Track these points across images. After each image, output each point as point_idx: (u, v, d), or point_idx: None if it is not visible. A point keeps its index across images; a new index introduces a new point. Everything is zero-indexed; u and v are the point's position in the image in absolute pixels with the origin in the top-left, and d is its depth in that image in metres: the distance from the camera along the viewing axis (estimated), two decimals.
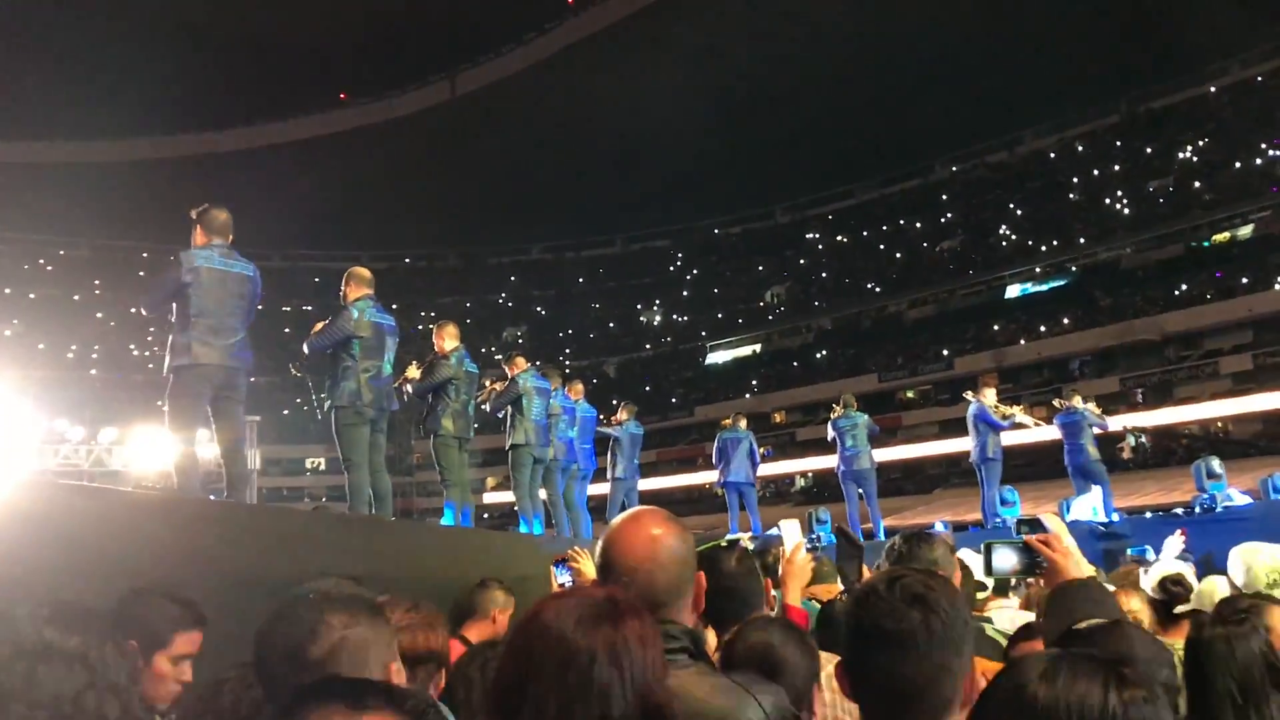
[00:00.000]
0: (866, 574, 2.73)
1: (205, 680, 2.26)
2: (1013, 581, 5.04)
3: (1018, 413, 13.65)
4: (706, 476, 52.49)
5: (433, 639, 2.77)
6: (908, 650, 1.73)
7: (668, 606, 1.96)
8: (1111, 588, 3.11)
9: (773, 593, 3.71)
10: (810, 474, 49.74)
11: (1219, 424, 42.36)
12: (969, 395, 13.67)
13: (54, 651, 1.56)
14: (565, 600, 1.55)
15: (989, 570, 2.79)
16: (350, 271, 7.58)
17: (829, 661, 2.60)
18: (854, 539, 2.81)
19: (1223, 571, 4.43)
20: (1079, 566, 2.56)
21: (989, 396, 13.36)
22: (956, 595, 1.84)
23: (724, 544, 3.18)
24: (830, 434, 13.97)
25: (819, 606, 4.03)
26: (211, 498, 5.74)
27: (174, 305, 6.00)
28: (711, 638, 2.89)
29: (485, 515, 46.03)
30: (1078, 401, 13.51)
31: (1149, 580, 4.52)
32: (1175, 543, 6.88)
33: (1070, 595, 2.45)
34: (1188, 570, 4.58)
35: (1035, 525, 2.80)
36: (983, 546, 2.73)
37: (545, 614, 1.50)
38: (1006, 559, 2.66)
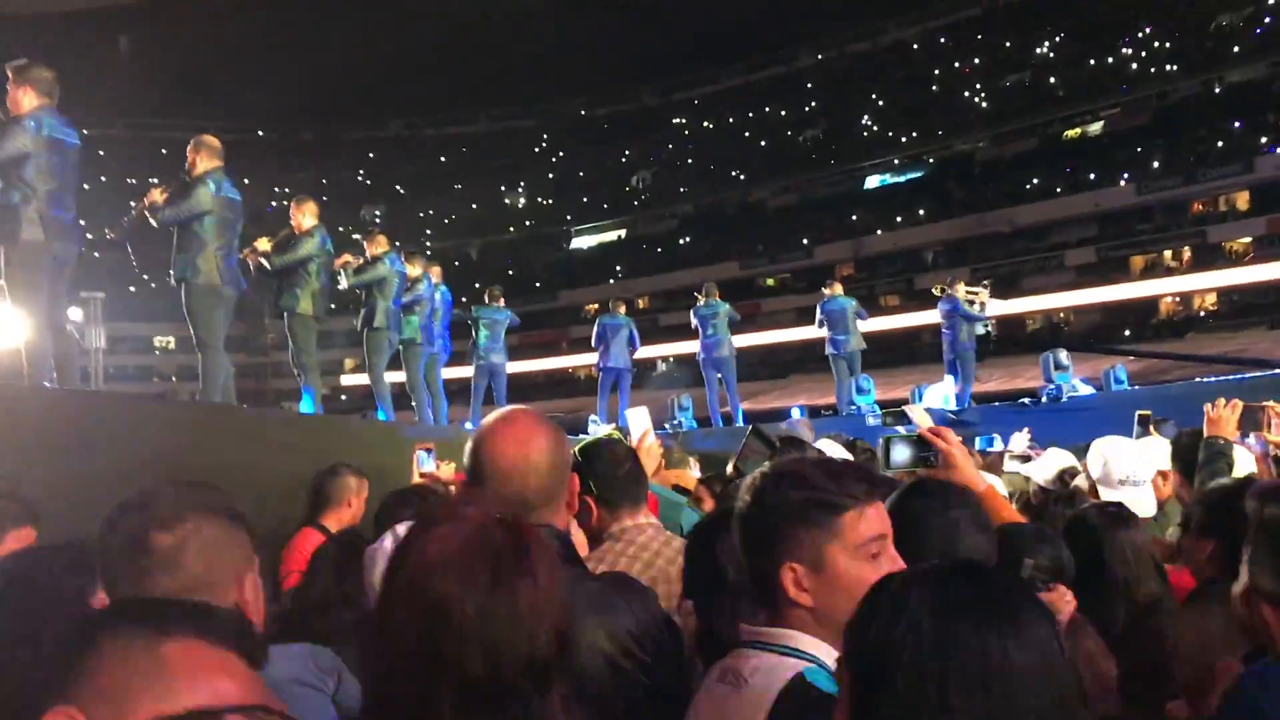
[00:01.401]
0: None
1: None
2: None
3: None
4: (569, 361, 52.93)
5: None
6: None
7: (541, 509, 1.93)
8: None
9: None
10: (671, 359, 50.38)
11: (1061, 314, 44.35)
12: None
13: None
14: (455, 547, 1.37)
15: (887, 464, 2.82)
16: (199, 140, 7.11)
17: None
18: (769, 439, 2.81)
19: None
20: (968, 459, 2.64)
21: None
22: None
23: (609, 437, 3.14)
24: (693, 322, 14.11)
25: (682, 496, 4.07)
26: (47, 385, 5.44)
27: (8, 173, 5.58)
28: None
29: (343, 397, 45.40)
30: (960, 290, 13.88)
31: (1044, 470, 4.73)
32: (1023, 436, 7.15)
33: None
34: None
35: (902, 417, 2.85)
36: (880, 441, 2.76)
37: (439, 571, 1.34)
38: (902, 453, 2.70)
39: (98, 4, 61.93)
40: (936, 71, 54.71)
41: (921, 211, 48.33)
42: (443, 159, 67.77)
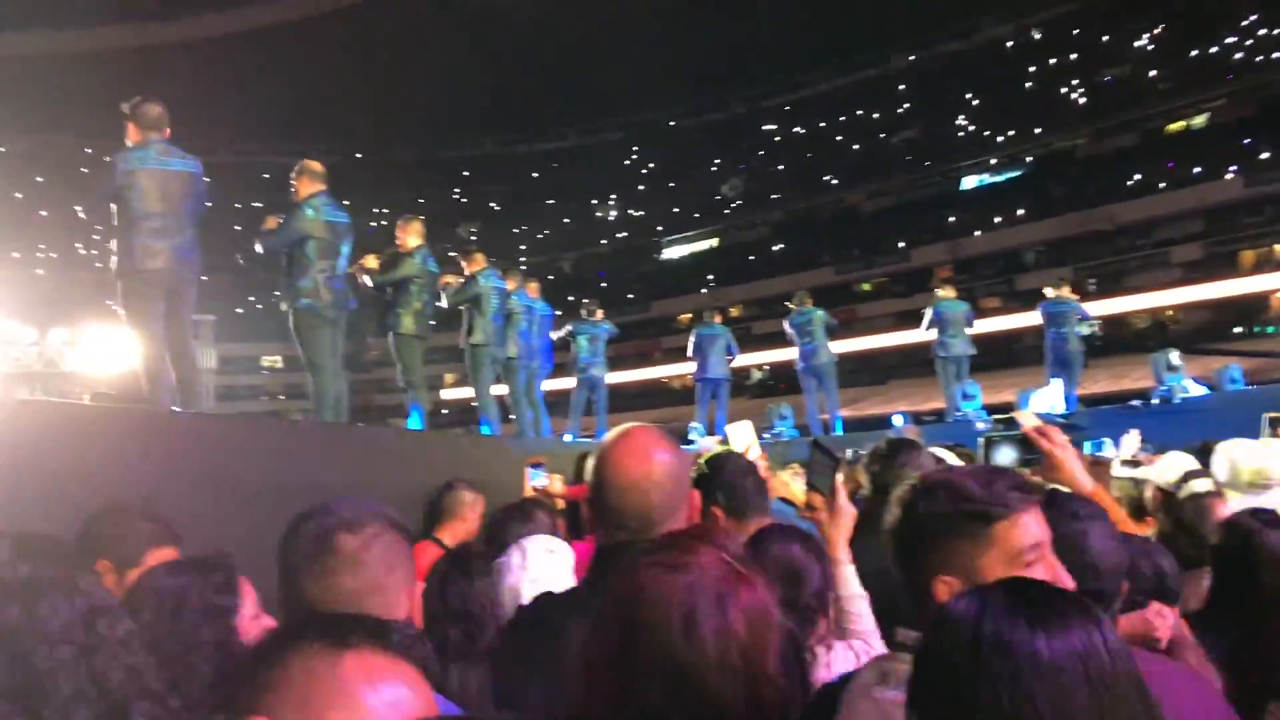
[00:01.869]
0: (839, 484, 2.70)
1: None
2: None
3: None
4: (663, 371, 53.01)
5: None
6: None
7: (662, 524, 1.92)
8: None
9: None
10: (767, 367, 50.13)
11: (1169, 312, 43.09)
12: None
13: (42, 585, 1.50)
14: (663, 581, 1.42)
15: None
16: (301, 165, 7.26)
17: None
18: (830, 451, 2.80)
19: None
20: (1074, 458, 2.57)
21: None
22: None
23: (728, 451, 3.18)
24: (788, 330, 14.02)
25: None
26: (175, 409, 5.62)
27: (116, 208, 5.79)
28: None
29: (444, 411, 46.05)
30: (1066, 291, 13.63)
31: (1166, 473, 4.60)
32: (1133, 439, 6.97)
33: None
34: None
35: (1012, 424, 2.80)
36: (981, 442, 2.73)
37: (641, 600, 1.41)
38: (1005, 454, 2.67)
39: (201, 35, 63.87)
40: (1032, 68, 53.61)
41: (1020, 211, 47.43)
42: (535, 175, 68.47)
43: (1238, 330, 39.91)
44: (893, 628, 2.25)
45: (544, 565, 2.78)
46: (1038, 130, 50.02)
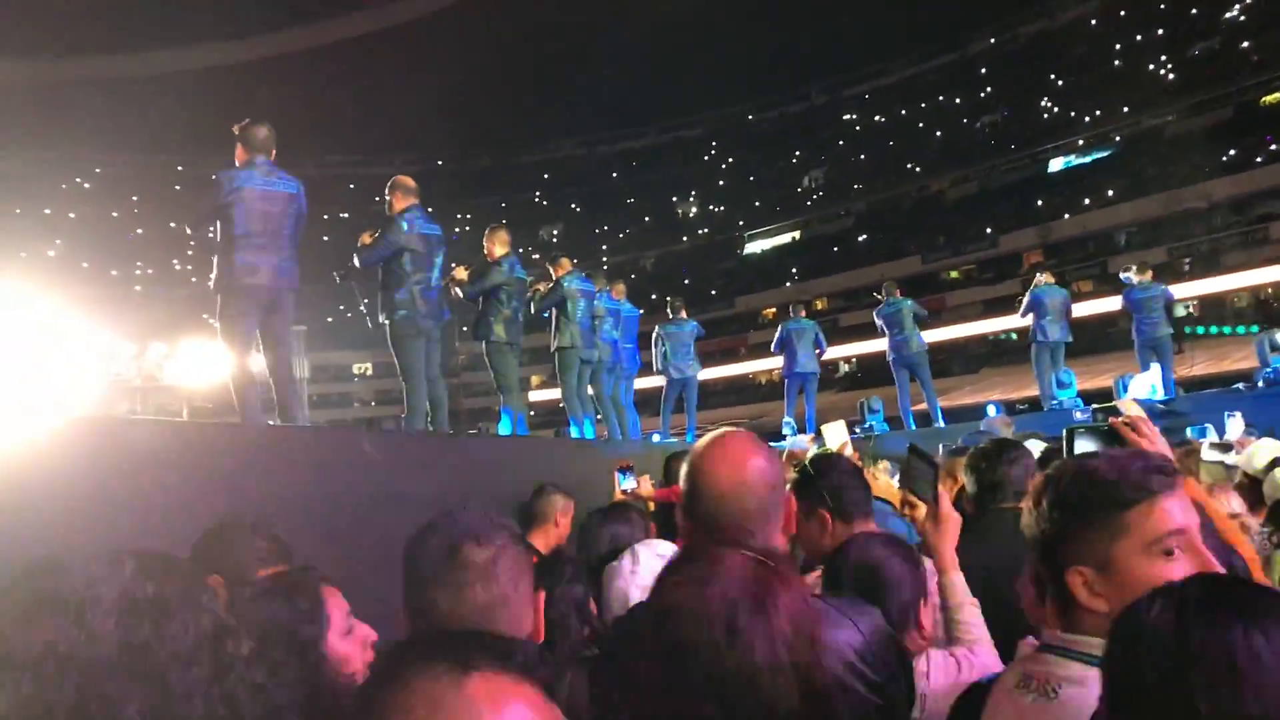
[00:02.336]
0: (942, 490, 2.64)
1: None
2: None
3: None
4: (748, 367, 52.79)
5: None
6: None
7: (758, 531, 1.90)
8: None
9: None
10: (854, 359, 49.67)
11: (1269, 290, 41.69)
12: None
13: (170, 603, 1.50)
14: (696, 593, 1.40)
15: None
16: (395, 181, 7.47)
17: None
18: (928, 456, 2.73)
19: None
20: (1165, 452, 2.39)
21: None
22: None
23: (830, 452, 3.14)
24: (878, 322, 13.89)
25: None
26: (271, 423, 5.76)
27: (218, 224, 5.96)
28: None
29: (531, 413, 46.31)
30: (1149, 276, 13.29)
31: (1253, 461, 4.43)
32: (1237, 423, 6.76)
33: None
34: None
35: (1114, 413, 2.69)
36: (1064, 433, 2.62)
37: (679, 616, 1.39)
38: (1088, 446, 2.55)
39: (285, 51, 65.20)
40: (1118, 46, 52.30)
41: (1111, 192, 46.28)
42: (614, 174, 68.73)
43: None
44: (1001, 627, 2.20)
45: (653, 571, 2.78)
46: (1125, 109, 48.77)
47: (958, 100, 58.21)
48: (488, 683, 1.08)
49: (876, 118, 61.87)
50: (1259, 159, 41.87)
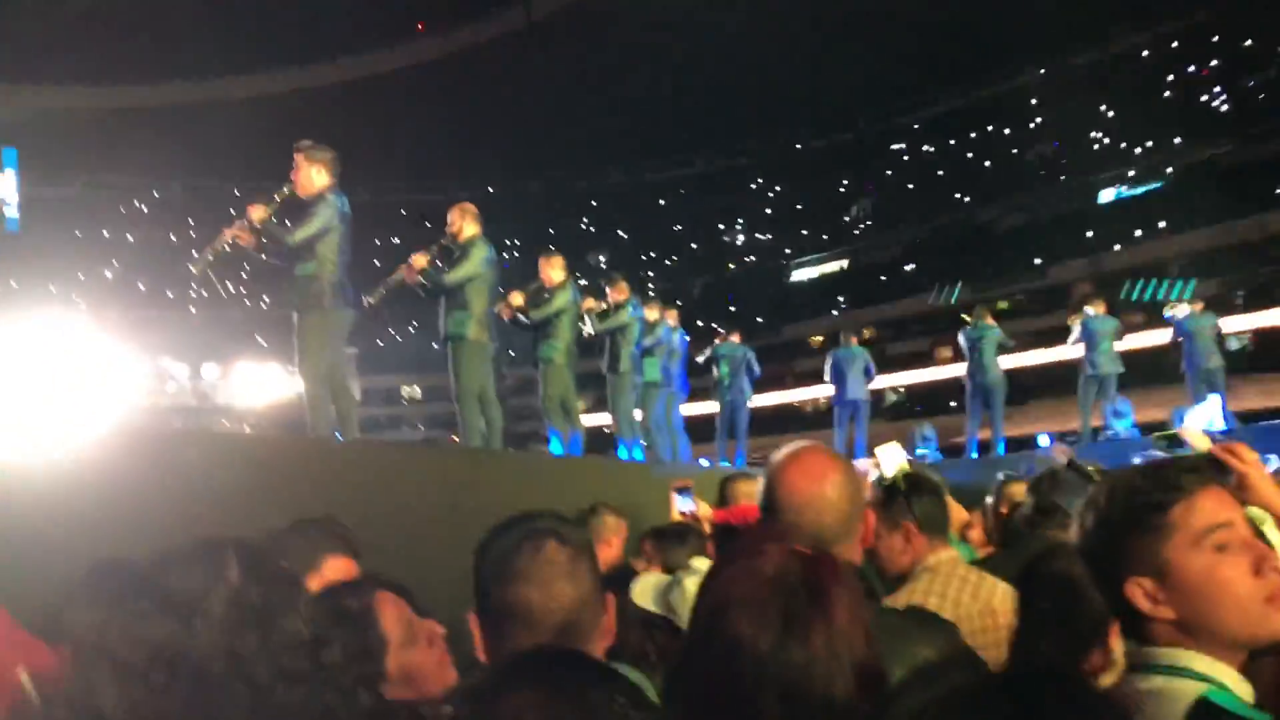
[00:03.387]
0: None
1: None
2: None
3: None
4: (795, 395, 52.49)
5: None
6: None
7: (836, 545, 1.91)
8: None
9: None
10: (902, 389, 49.32)
11: None
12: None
13: (273, 610, 1.47)
14: (750, 585, 1.38)
15: None
16: (464, 207, 7.71)
17: None
18: (1086, 470, 2.72)
19: None
20: (1267, 478, 2.29)
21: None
22: None
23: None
24: (962, 344, 13.85)
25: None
26: (337, 436, 5.88)
27: (313, 246, 6.08)
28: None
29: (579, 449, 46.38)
30: (1199, 307, 13.17)
31: None
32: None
33: None
34: None
35: (1175, 441, 2.66)
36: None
37: (733, 610, 1.35)
38: None
39: (339, 79, 66.18)
40: (1171, 77, 51.79)
41: (1163, 224, 45.73)
42: (661, 202, 68.89)
43: None
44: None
45: None
46: (1177, 140, 48.25)
47: (1007, 131, 57.84)
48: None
49: (925, 148, 61.61)
50: None
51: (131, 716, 1.31)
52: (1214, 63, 50.44)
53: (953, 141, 60.18)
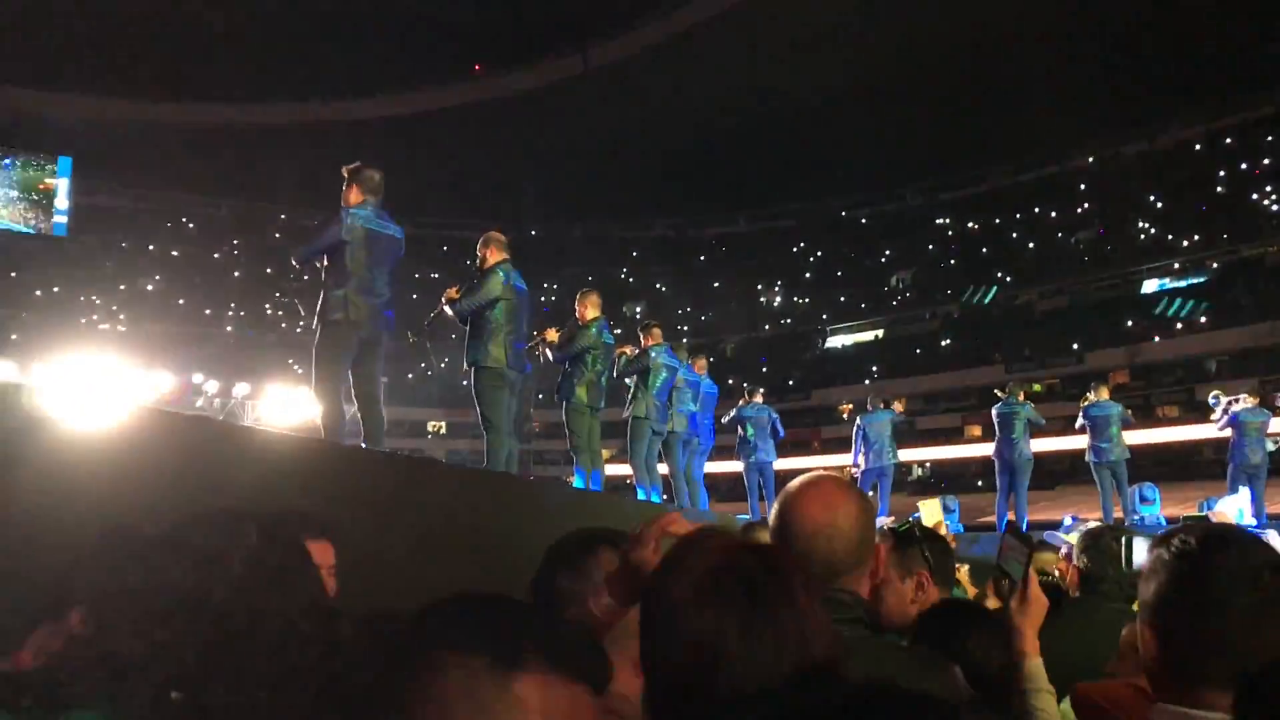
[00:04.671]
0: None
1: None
2: None
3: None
4: (819, 461, 52.15)
5: None
6: None
7: (846, 575, 1.88)
8: None
9: None
10: (928, 464, 48.96)
11: None
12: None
13: (288, 574, 1.50)
14: (701, 572, 1.30)
15: (1129, 565, 2.64)
16: (489, 236, 7.70)
17: None
18: (1025, 536, 2.68)
19: None
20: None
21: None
22: None
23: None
24: (993, 419, 13.77)
25: None
26: (362, 444, 5.90)
27: (327, 260, 6.15)
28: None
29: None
30: (1254, 400, 13.03)
31: None
32: None
33: None
34: None
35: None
36: (1123, 539, 2.54)
37: (686, 598, 1.28)
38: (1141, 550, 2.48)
39: (389, 114, 67.15)
40: (1222, 172, 51.66)
41: (1204, 319, 45.40)
42: (702, 258, 69.16)
43: None
44: None
45: None
46: (1225, 235, 48.02)
47: (1053, 213, 57.79)
48: (536, 686, 0.98)
49: (970, 224, 61.61)
50: None
51: (152, 659, 1.34)
52: (1265, 161, 50.27)
53: (998, 220, 60.17)
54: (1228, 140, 53.46)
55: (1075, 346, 48.28)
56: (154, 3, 60.85)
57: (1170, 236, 50.27)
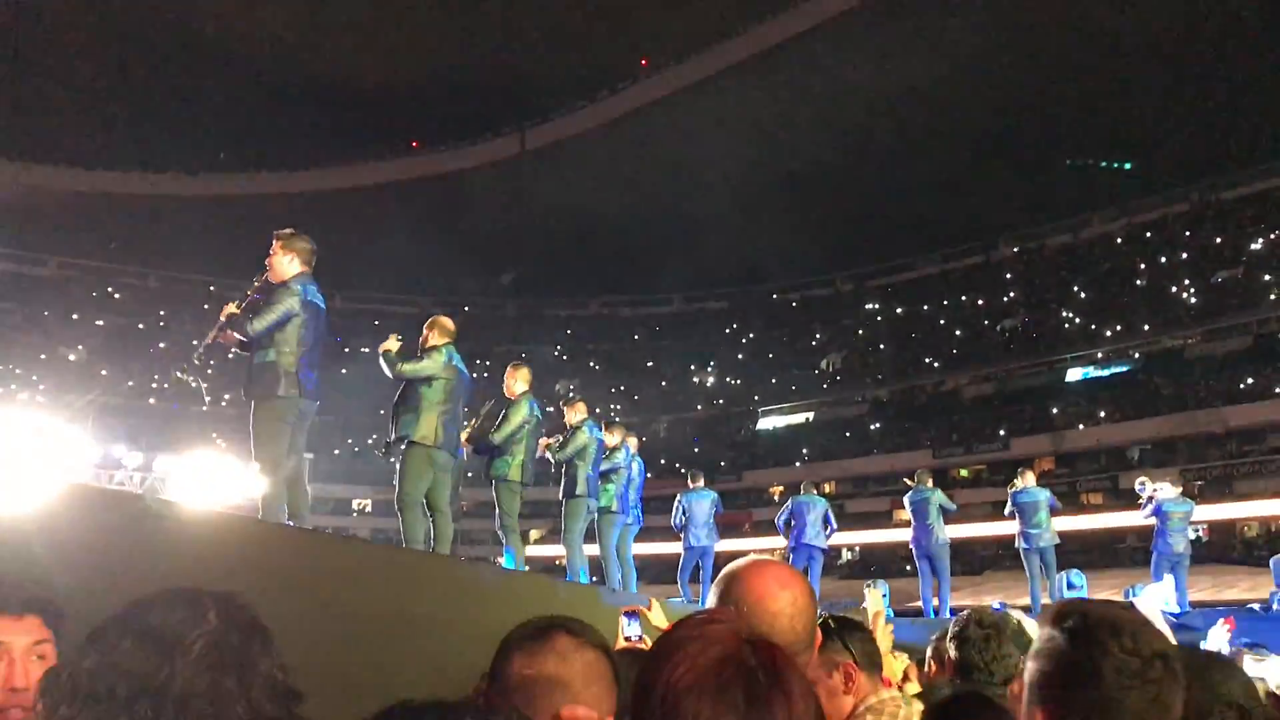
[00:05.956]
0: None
1: None
2: None
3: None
4: (750, 544, 52.03)
5: None
6: None
7: (796, 659, 1.82)
8: None
9: None
10: (857, 548, 49.08)
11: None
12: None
13: (251, 655, 1.46)
14: (702, 661, 1.28)
15: None
16: (435, 319, 7.73)
17: None
18: (847, 619, 2.72)
19: None
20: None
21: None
22: None
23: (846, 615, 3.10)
24: (906, 508, 13.87)
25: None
26: (291, 523, 5.74)
27: (272, 333, 6.00)
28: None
29: (526, 568, 45.67)
30: (1179, 490, 13.26)
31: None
32: (1220, 632, 6.59)
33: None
34: None
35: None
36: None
37: (694, 693, 1.25)
38: None
39: (327, 186, 67.01)
40: (1142, 265, 53.24)
41: (1127, 408, 46.41)
42: (636, 336, 69.42)
43: None
44: None
45: None
46: (1146, 326, 49.33)
47: (980, 301, 59.03)
48: None
49: (898, 310, 62.68)
50: (1277, 390, 42.00)
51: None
52: (1184, 255, 51.91)
53: (926, 307, 61.29)
54: (1148, 234, 55.18)
55: (1001, 433, 49.00)
56: (86, 67, 60.49)
57: (1093, 326, 51.49)
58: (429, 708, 1.06)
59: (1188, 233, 53.36)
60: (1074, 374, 51.17)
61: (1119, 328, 50.28)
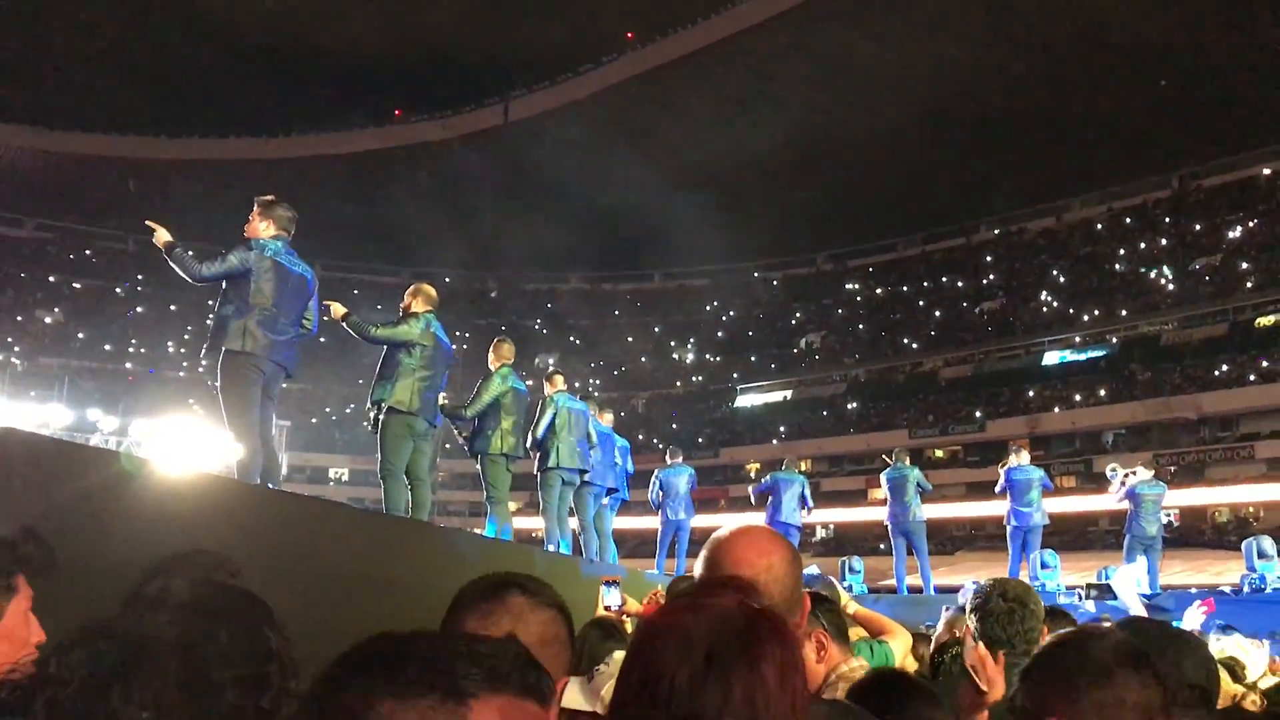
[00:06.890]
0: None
1: None
2: None
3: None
4: (726, 519, 52.16)
5: None
6: None
7: None
8: None
9: None
10: (832, 525, 49.34)
11: (1250, 509, 41.71)
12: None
13: (228, 615, 1.47)
14: (687, 619, 1.29)
15: None
16: (419, 286, 7.71)
17: None
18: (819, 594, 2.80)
19: None
20: None
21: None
22: None
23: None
24: (883, 486, 13.94)
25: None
26: (270, 486, 5.71)
27: (230, 288, 5.97)
28: None
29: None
30: (1151, 474, 13.37)
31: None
32: (1196, 614, 6.64)
33: None
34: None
35: (1107, 593, 2.67)
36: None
37: (663, 637, 1.27)
38: None
39: (309, 152, 66.56)
40: (1122, 251, 53.49)
41: (1102, 392, 46.72)
42: (616, 312, 69.35)
43: None
44: None
45: None
46: (1124, 312, 49.60)
47: (960, 284, 59.21)
48: (492, 712, 0.92)
49: (878, 290, 62.84)
50: (1251, 377, 42.36)
51: (71, 673, 1.33)
52: (1163, 242, 52.16)
53: (905, 288, 61.48)
54: (1127, 220, 55.41)
55: (977, 414, 49.27)
56: (62, 29, 59.72)
57: (1071, 310, 51.74)
58: (414, 636, 1.02)
59: (1168, 219, 53.61)
60: (1051, 357, 51.43)
61: (1097, 312, 50.54)
